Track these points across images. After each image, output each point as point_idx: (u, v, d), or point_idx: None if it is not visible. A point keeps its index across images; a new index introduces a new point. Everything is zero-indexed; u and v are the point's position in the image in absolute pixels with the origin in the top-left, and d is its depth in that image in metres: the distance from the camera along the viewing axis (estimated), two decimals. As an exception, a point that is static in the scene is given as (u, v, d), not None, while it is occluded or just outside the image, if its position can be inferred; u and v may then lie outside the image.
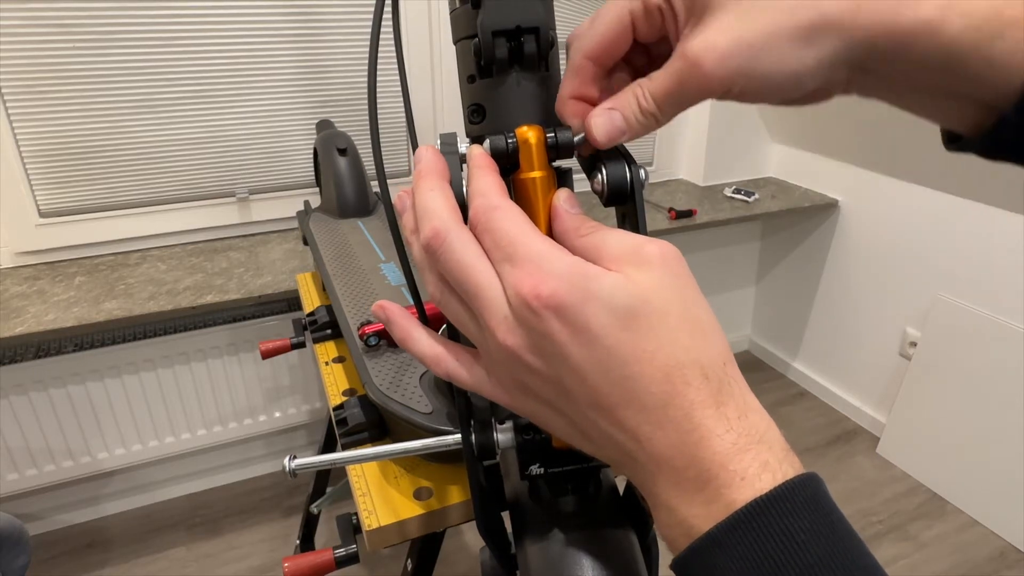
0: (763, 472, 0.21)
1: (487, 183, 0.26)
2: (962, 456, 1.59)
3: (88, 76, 1.28)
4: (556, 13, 0.33)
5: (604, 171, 0.29)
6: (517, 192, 0.29)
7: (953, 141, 0.26)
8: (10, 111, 1.25)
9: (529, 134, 0.28)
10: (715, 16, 0.23)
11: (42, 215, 1.35)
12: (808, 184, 1.93)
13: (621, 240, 0.24)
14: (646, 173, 0.29)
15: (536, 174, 0.28)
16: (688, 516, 0.22)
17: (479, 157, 0.28)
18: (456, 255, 0.25)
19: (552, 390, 0.24)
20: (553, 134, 0.29)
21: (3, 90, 1.23)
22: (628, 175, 0.29)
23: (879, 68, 0.23)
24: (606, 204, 0.29)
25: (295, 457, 0.51)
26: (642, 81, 0.26)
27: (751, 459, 0.21)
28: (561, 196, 0.28)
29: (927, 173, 1.57)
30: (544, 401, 0.25)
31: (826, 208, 1.86)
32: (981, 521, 1.56)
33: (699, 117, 1.89)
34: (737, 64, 0.23)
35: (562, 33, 0.31)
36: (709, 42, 0.23)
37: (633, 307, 0.22)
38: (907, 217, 1.65)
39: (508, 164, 0.29)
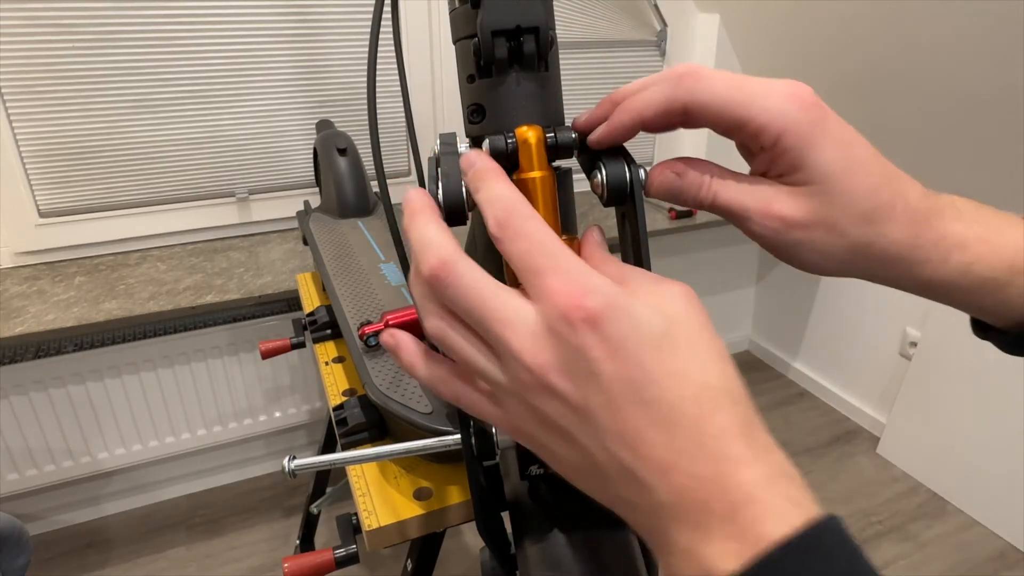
0: (793, 508, 0.20)
1: (509, 189, 0.25)
2: (962, 456, 1.59)
3: (87, 76, 1.28)
4: (556, 13, 0.33)
5: (604, 171, 0.29)
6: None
7: (982, 328, 0.32)
8: (10, 111, 1.25)
9: (529, 134, 0.28)
10: (807, 199, 0.27)
11: (42, 215, 1.35)
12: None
13: (644, 275, 0.25)
14: (646, 173, 0.29)
15: (536, 174, 0.28)
16: (710, 555, 0.20)
17: (489, 161, 0.27)
18: (466, 280, 0.23)
19: (573, 417, 0.23)
20: (553, 134, 0.29)
21: (3, 90, 1.23)
22: (628, 175, 0.29)
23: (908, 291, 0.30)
24: (606, 204, 0.29)
25: (294, 458, 0.52)
26: (716, 176, 0.29)
27: (780, 493, 0.20)
28: (594, 232, 0.28)
29: (927, 173, 1.57)
30: (559, 432, 0.23)
31: (826, 208, 1.86)
32: (981, 521, 1.56)
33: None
34: (784, 243, 0.28)
35: (561, 33, 0.31)
36: (782, 219, 0.27)
37: (667, 328, 0.22)
38: (907, 217, 1.65)
39: (508, 164, 0.29)
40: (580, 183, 0.30)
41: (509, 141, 0.29)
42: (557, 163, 0.31)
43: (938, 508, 1.61)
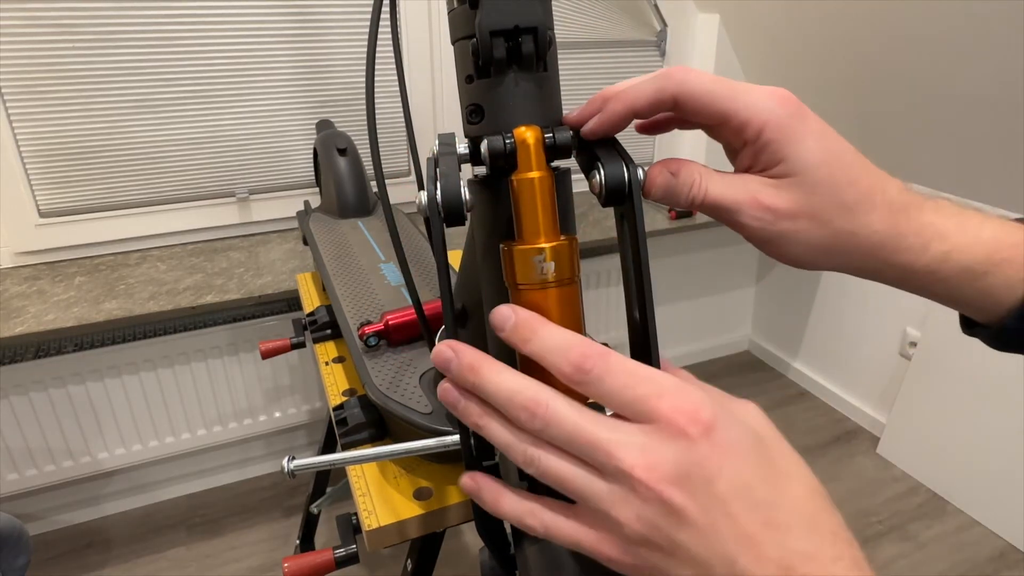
0: None
1: (567, 332, 0.26)
2: (962, 456, 1.59)
3: (88, 76, 1.28)
4: (556, 13, 0.33)
5: (602, 171, 0.28)
6: (515, 193, 0.29)
7: (969, 326, 0.33)
8: (10, 111, 1.25)
9: (527, 134, 0.28)
10: (791, 191, 0.28)
11: (42, 215, 1.35)
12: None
13: (719, 391, 0.26)
14: (644, 173, 0.29)
15: (535, 174, 0.28)
16: None
17: (524, 312, 0.27)
18: (564, 415, 0.24)
19: (687, 529, 0.22)
20: (551, 134, 0.29)
21: (3, 90, 1.23)
22: (626, 175, 0.29)
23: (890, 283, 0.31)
24: (604, 204, 0.29)
25: (294, 458, 0.52)
26: (705, 174, 0.30)
27: None
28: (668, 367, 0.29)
29: (927, 173, 1.57)
30: (670, 547, 0.23)
31: (826, 208, 1.86)
32: (981, 521, 1.56)
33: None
34: (772, 235, 0.29)
35: (561, 33, 0.31)
36: (770, 209, 0.28)
37: (763, 430, 0.24)
38: (907, 217, 1.65)
39: (506, 164, 0.29)
40: (580, 183, 0.30)
41: (507, 141, 0.29)
42: (556, 163, 0.31)
43: (938, 508, 1.61)
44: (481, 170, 0.31)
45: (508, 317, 0.27)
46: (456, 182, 0.28)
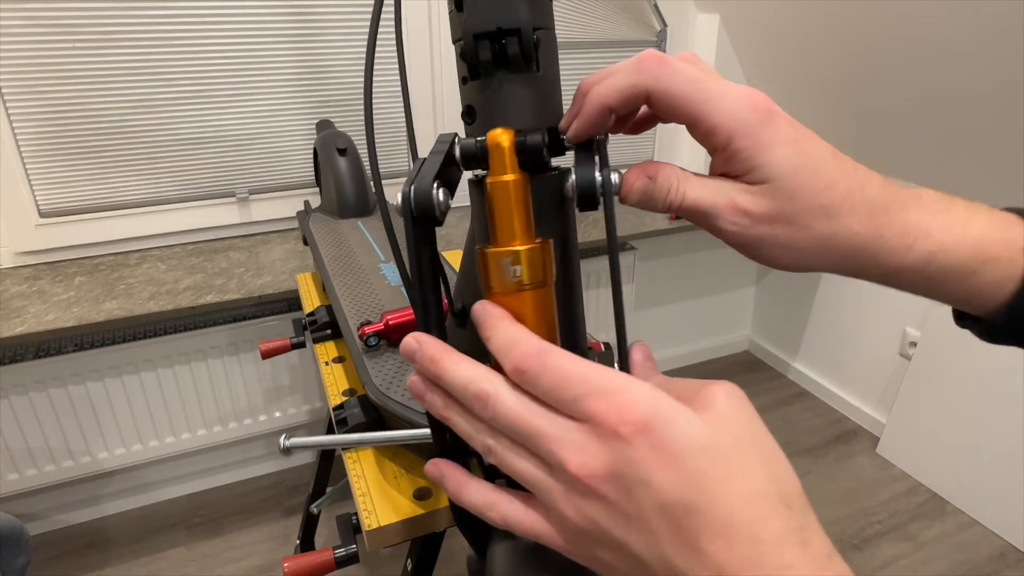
0: None
1: (518, 330, 0.26)
2: (962, 456, 1.59)
3: (88, 76, 1.28)
4: (556, 13, 0.33)
5: (574, 174, 0.28)
6: (488, 196, 0.28)
7: (960, 317, 0.33)
8: (10, 111, 1.25)
9: (502, 137, 0.28)
10: (767, 197, 0.28)
11: (42, 215, 1.35)
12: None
13: (687, 382, 0.25)
14: (619, 177, 0.29)
15: (507, 177, 0.28)
16: None
17: (492, 308, 0.28)
18: (510, 406, 0.25)
19: (625, 527, 0.23)
20: (523, 138, 0.29)
21: (3, 90, 1.23)
22: (598, 180, 0.28)
23: (875, 282, 0.30)
24: (579, 208, 0.29)
25: (290, 436, 0.52)
26: (683, 178, 0.29)
27: None
28: (639, 350, 0.30)
29: (927, 173, 1.57)
30: (611, 543, 0.23)
31: (826, 208, 1.86)
32: (981, 521, 1.56)
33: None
34: (752, 239, 0.28)
35: (561, 33, 0.31)
36: (748, 214, 0.28)
37: (711, 432, 0.22)
38: (907, 217, 1.65)
39: (479, 166, 0.29)
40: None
41: (478, 143, 0.29)
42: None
43: (938, 508, 1.61)
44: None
45: (478, 313, 0.28)
46: (428, 182, 0.28)
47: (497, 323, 0.27)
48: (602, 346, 0.65)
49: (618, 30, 1.72)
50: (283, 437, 0.51)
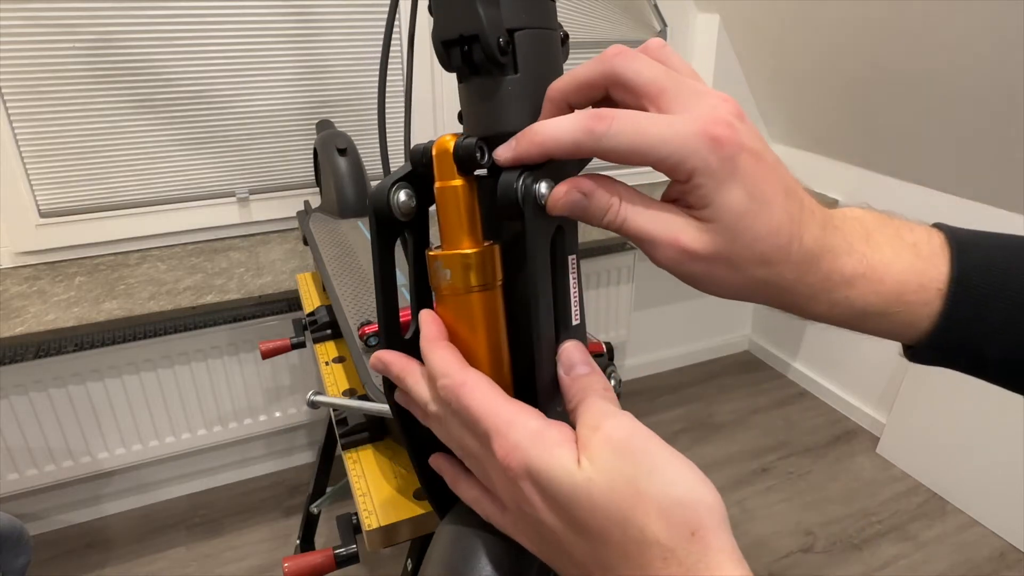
0: None
1: (443, 359, 0.29)
2: (962, 456, 1.59)
3: (88, 76, 1.28)
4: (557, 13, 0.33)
5: (497, 180, 0.28)
6: (436, 201, 0.29)
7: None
8: (10, 111, 1.25)
9: (449, 143, 0.28)
10: (711, 235, 0.27)
11: (42, 215, 1.35)
12: (808, 184, 1.91)
13: (591, 413, 0.26)
14: (548, 188, 0.27)
15: (454, 183, 0.28)
16: None
17: (430, 325, 0.30)
18: (451, 430, 0.29)
19: (541, 540, 0.27)
20: (459, 142, 0.29)
21: (3, 90, 1.23)
22: (518, 187, 0.27)
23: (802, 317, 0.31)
24: (497, 219, 0.29)
25: (318, 393, 0.56)
26: (626, 199, 0.28)
27: None
28: (569, 347, 0.30)
29: (927, 173, 1.57)
30: (555, 545, 0.26)
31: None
32: (981, 521, 1.56)
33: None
34: (686, 273, 0.28)
35: (571, 33, 0.31)
36: (688, 252, 0.27)
37: (587, 484, 0.23)
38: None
39: (425, 171, 0.30)
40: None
41: (426, 148, 0.29)
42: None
43: (938, 508, 1.61)
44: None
45: (421, 325, 0.30)
46: (387, 184, 0.28)
47: (430, 347, 0.29)
48: (603, 346, 0.65)
49: (618, 30, 1.72)
50: (311, 392, 0.55)
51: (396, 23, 1.36)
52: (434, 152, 0.29)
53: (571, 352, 0.30)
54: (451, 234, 0.29)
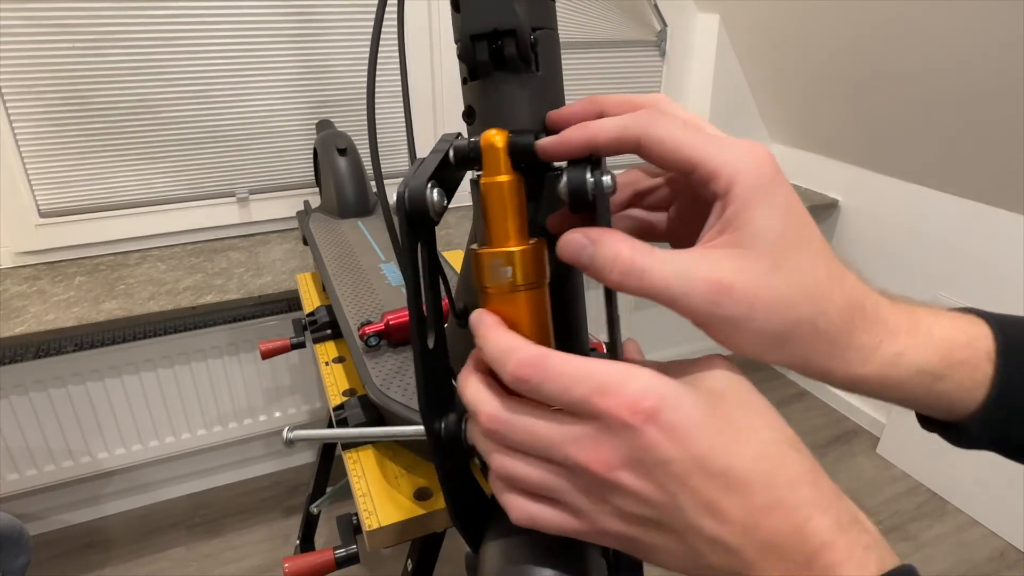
0: (867, 554, 0.22)
1: (512, 338, 0.26)
2: (962, 456, 1.59)
3: (88, 76, 1.28)
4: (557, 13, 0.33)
5: (565, 175, 0.28)
6: (482, 197, 0.28)
7: (925, 421, 0.33)
8: (10, 111, 1.25)
9: (496, 138, 0.28)
10: (751, 262, 0.25)
11: (42, 215, 1.35)
12: (808, 184, 1.93)
13: (680, 362, 0.26)
14: (613, 179, 0.28)
15: (501, 178, 0.28)
16: None
17: (486, 316, 0.28)
18: (519, 424, 0.25)
19: (649, 507, 0.24)
20: (516, 139, 0.28)
21: (3, 90, 1.23)
22: (589, 181, 0.27)
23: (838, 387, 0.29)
24: (571, 210, 0.29)
25: (294, 428, 0.53)
26: (642, 248, 0.25)
27: (854, 539, 0.22)
28: (632, 345, 0.31)
29: (927, 173, 1.57)
30: (644, 522, 0.24)
31: (826, 208, 1.86)
32: (981, 521, 1.56)
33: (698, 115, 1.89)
34: (723, 318, 0.26)
35: (562, 33, 0.31)
36: (726, 286, 0.25)
37: (714, 402, 0.24)
38: (907, 217, 1.65)
39: (472, 167, 0.29)
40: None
41: (472, 144, 0.28)
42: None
43: (938, 508, 1.61)
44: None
45: (473, 322, 0.28)
46: (423, 182, 0.27)
47: (489, 332, 0.27)
48: (603, 346, 0.65)
49: (618, 30, 1.72)
50: (286, 429, 0.51)
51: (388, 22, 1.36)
52: (483, 146, 0.28)
53: (631, 350, 0.31)
54: (500, 231, 0.28)
